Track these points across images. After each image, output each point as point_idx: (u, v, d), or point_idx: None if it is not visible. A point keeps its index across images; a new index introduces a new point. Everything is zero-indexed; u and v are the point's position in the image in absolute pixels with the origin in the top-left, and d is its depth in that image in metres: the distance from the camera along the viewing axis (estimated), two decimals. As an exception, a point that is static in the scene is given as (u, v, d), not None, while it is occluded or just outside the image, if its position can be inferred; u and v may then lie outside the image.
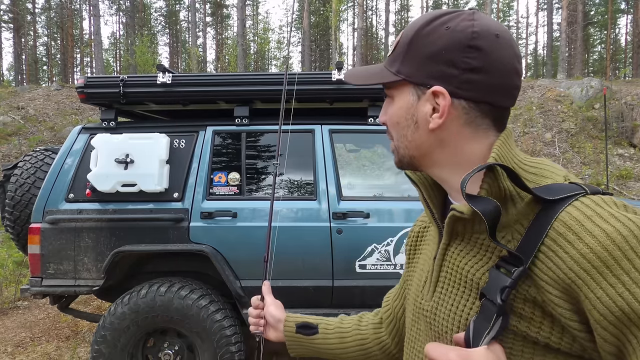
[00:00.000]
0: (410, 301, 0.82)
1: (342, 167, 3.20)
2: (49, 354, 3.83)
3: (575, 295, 0.54)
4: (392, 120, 0.73)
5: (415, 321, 0.78)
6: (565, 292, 0.55)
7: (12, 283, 5.57)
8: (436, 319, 0.70)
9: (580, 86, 12.06)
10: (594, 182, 9.21)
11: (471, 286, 0.65)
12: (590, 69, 33.75)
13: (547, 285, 0.56)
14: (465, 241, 0.68)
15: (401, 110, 0.71)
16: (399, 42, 0.70)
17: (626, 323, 0.51)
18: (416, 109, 0.69)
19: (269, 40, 30.17)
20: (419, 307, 0.76)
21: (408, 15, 43.17)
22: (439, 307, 0.70)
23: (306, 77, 3.02)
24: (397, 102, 0.71)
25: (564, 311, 0.56)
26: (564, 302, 0.55)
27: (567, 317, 0.55)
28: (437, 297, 0.71)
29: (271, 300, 1.12)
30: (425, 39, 0.66)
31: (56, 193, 2.94)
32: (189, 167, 2.99)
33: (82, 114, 13.35)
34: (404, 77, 0.68)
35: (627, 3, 29.31)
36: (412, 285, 0.82)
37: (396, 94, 0.71)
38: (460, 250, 0.68)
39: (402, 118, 0.71)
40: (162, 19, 38.60)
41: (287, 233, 2.86)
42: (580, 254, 0.54)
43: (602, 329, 0.53)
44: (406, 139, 0.71)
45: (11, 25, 31.00)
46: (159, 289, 2.78)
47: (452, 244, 0.70)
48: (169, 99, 3.06)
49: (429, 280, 0.74)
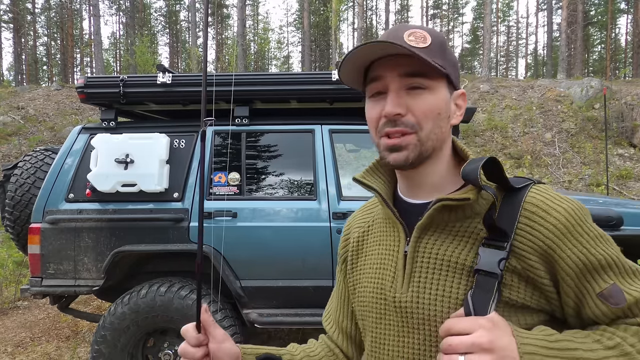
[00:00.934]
0: (369, 301, 0.83)
1: (342, 167, 3.20)
2: (49, 354, 3.83)
3: (549, 258, 0.69)
4: (433, 111, 0.74)
5: (382, 318, 0.80)
6: (542, 256, 0.70)
7: (12, 283, 5.57)
8: (419, 307, 0.75)
9: (580, 86, 12.07)
10: (594, 182, 9.21)
11: (455, 268, 0.73)
12: (590, 69, 33.75)
13: (527, 253, 0.70)
14: (439, 231, 0.76)
15: (443, 102, 0.76)
16: (433, 41, 0.74)
17: (584, 273, 0.69)
18: (449, 104, 0.78)
19: (269, 40, 30.16)
20: (390, 302, 0.78)
21: (408, 15, 43.19)
22: (420, 295, 0.75)
23: (306, 77, 3.03)
24: (436, 94, 0.75)
25: (540, 272, 0.70)
26: (540, 264, 0.70)
27: (542, 277, 0.70)
28: (416, 286, 0.75)
29: (221, 332, 0.85)
30: (449, 48, 0.77)
31: (56, 193, 2.93)
32: (189, 167, 3.00)
33: (82, 114, 13.35)
34: (449, 73, 0.75)
35: (627, 3, 29.31)
36: (366, 287, 0.84)
37: (434, 86, 0.74)
38: (435, 240, 0.76)
39: (443, 110, 0.76)
40: (162, 19, 38.60)
41: (287, 233, 2.86)
42: (552, 224, 0.69)
43: (570, 279, 0.69)
44: (441, 130, 0.76)
45: (11, 25, 30.99)
46: (159, 289, 2.78)
47: (422, 237, 0.77)
48: (169, 99, 3.06)
49: (399, 274, 0.78)
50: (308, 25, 26.36)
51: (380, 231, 0.86)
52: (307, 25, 26.16)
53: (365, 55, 0.75)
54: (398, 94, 0.73)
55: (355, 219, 0.97)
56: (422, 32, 0.74)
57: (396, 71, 0.74)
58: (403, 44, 0.69)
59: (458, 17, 43.37)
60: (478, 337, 0.61)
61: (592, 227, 0.71)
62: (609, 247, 0.71)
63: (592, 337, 0.66)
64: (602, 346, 0.64)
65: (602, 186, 8.79)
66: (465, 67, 40.74)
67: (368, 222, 0.91)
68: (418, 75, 0.73)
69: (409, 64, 0.73)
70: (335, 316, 0.98)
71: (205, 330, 0.83)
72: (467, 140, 11.00)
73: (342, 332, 0.95)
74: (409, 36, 0.72)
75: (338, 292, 0.99)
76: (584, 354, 0.63)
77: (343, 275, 0.97)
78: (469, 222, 0.75)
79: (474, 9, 42.34)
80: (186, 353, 0.82)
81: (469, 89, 13.59)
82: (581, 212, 0.71)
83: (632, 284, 0.70)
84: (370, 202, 0.97)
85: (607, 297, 0.68)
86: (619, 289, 0.68)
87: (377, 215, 0.90)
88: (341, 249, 0.97)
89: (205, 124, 0.89)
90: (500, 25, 40.98)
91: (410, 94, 0.73)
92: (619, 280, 0.69)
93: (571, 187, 9.34)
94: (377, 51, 0.73)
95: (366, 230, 0.90)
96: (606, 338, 0.66)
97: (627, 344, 0.65)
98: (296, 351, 0.93)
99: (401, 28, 0.75)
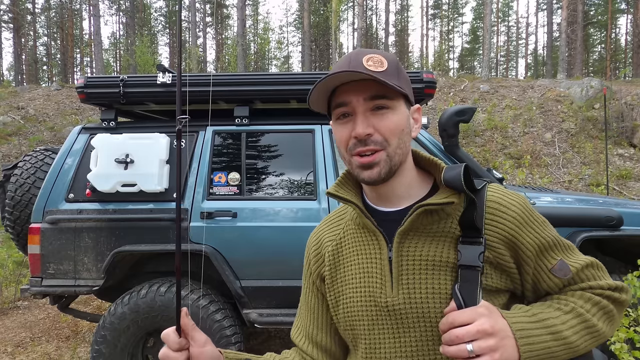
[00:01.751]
0: (358, 309, 0.85)
1: (342, 167, 3.20)
2: (49, 354, 3.83)
3: (513, 245, 0.81)
4: (397, 128, 0.82)
5: (374, 323, 0.83)
6: (508, 244, 0.81)
7: (12, 283, 5.57)
8: (412, 307, 0.80)
9: (580, 86, 12.06)
10: (594, 182, 9.21)
11: (439, 266, 0.80)
12: (590, 69, 33.73)
13: (496, 244, 0.81)
14: (418, 234, 0.83)
15: (404, 120, 0.84)
16: (389, 64, 0.81)
17: (539, 253, 0.82)
18: (409, 120, 0.86)
19: (269, 40, 30.14)
20: (382, 307, 0.83)
21: (408, 15, 43.19)
22: (411, 295, 0.81)
23: (306, 77, 3.03)
24: (398, 112, 0.83)
25: (507, 258, 0.81)
26: (507, 251, 0.81)
27: (508, 262, 0.82)
28: (405, 288, 0.81)
29: (202, 336, 0.87)
30: (402, 68, 0.85)
31: (56, 193, 2.93)
32: (189, 167, 2.99)
33: (82, 114, 13.35)
34: (407, 92, 0.83)
35: (627, 3, 29.30)
36: (352, 297, 0.87)
37: (396, 106, 0.82)
38: (416, 242, 0.83)
39: (406, 126, 0.84)
40: (162, 19, 38.58)
41: (287, 233, 2.86)
42: (512, 217, 0.82)
43: (530, 260, 0.82)
44: (405, 145, 0.84)
45: (11, 25, 30.97)
46: (159, 289, 2.78)
47: (403, 241, 0.83)
48: (169, 99, 3.06)
49: (386, 279, 0.83)
50: (308, 25, 26.35)
51: (355, 241, 0.90)
52: (307, 25, 26.16)
53: (332, 83, 0.82)
54: (365, 116, 0.81)
55: (323, 232, 0.98)
56: (378, 56, 0.81)
57: (361, 96, 0.81)
58: (365, 71, 0.77)
59: (458, 17, 43.36)
60: (481, 324, 0.70)
61: (537, 215, 0.86)
62: (551, 229, 0.86)
63: (553, 306, 0.80)
64: (562, 312, 0.78)
65: (602, 186, 8.79)
66: (465, 67, 40.73)
67: (339, 234, 0.94)
68: (381, 97, 0.81)
69: (372, 88, 0.80)
70: (306, 330, 0.98)
71: (186, 334, 0.85)
72: (467, 140, 11.00)
73: (316, 345, 0.96)
74: (367, 61, 0.80)
75: (308, 306, 0.99)
76: (554, 320, 0.76)
77: (315, 290, 0.98)
78: (443, 223, 0.83)
79: (473, 9, 42.31)
80: (167, 358, 0.84)
81: (469, 89, 13.59)
82: (528, 204, 0.86)
83: (571, 257, 0.85)
84: (334, 214, 1.00)
85: (558, 271, 0.82)
86: (565, 263, 0.83)
87: (347, 226, 0.94)
88: (313, 265, 0.97)
89: (181, 122, 0.95)
90: (500, 25, 40.98)
91: (376, 115, 0.81)
92: (563, 255, 0.84)
93: (571, 187, 9.34)
94: (343, 79, 0.81)
95: (339, 243, 0.93)
96: (563, 305, 0.79)
97: (578, 307, 0.79)
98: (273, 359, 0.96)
99: (359, 53, 0.82)
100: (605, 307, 0.80)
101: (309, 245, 1.01)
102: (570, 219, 2.84)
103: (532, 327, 0.73)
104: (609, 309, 0.81)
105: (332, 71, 0.80)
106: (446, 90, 13.51)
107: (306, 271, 1.01)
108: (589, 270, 0.84)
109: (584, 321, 0.77)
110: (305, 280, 1.01)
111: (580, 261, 0.84)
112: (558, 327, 0.75)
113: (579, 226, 2.82)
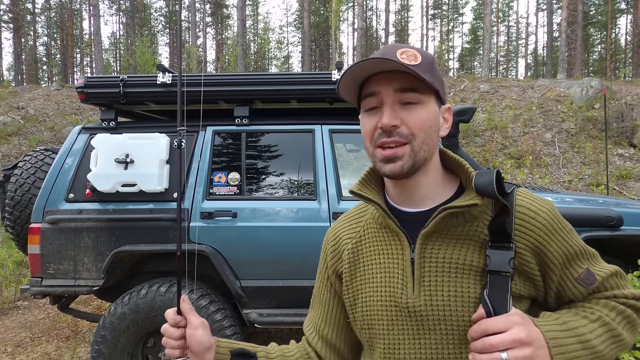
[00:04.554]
0: (378, 309, 0.85)
1: (342, 167, 3.20)
2: (49, 354, 3.83)
3: (540, 253, 0.80)
4: (425, 123, 0.80)
5: (394, 324, 0.83)
6: (534, 252, 0.79)
7: (12, 283, 5.57)
8: (433, 309, 0.79)
9: (580, 86, 12.06)
10: (594, 182, 9.21)
11: (463, 270, 0.79)
12: (590, 69, 33.73)
13: (523, 250, 0.79)
14: (442, 236, 0.81)
15: (433, 116, 0.82)
16: (423, 59, 0.79)
17: (565, 262, 0.81)
18: (438, 118, 0.84)
19: (269, 40, 30.14)
20: (402, 307, 0.82)
21: (408, 15, 43.18)
22: (433, 298, 0.79)
23: (306, 77, 3.03)
24: (427, 108, 0.81)
25: (533, 265, 0.80)
26: (533, 259, 0.79)
27: (533, 269, 0.80)
28: (427, 290, 0.80)
29: (197, 320, 0.92)
30: (437, 67, 0.83)
31: (56, 193, 2.93)
32: (189, 167, 2.99)
33: (82, 114, 13.35)
34: (439, 89, 0.81)
35: (627, 3, 29.29)
36: (372, 296, 0.86)
37: (426, 101, 0.80)
38: (439, 245, 0.81)
39: (434, 123, 0.82)
40: (162, 19, 38.57)
41: (287, 233, 2.86)
42: (541, 224, 0.80)
43: (556, 269, 0.80)
44: (432, 141, 0.82)
45: (11, 25, 30.96)
46: (159, 289, 2.78)
47: (427, 243, 0.82)
48: (169, 99, 3.06)
49: (408, 280, 0.82)
50: (308, 25, 26.35)
51: (376, 240, 0.89)
52: (307, 25, 26.15)
53: (363, 70, 0.80)
54: (393, 107, 0.79)
55: (342, 229, 0.98)
56: (413, 51, 0.79)
57: (391, 86, 0.79)
58: (398, 61, 0.75)
59: (458, 17, 43.35)
60: (516, 333, 0.68)
61: (565, 223, 0.84)
62: (577, 237, 0.84)
63: (579, 314, 0.78)
64: (589, 320, 0.77)
65: (602, 186, 8.79)
66: (465, 67, 40.72)
67: (358, 232, 0.93)
68: (411, 90, 0.79)
69: (403, 80, 0.78)
70: (316, 323, 0.99)
71: (184, 316, 0.93)
72: (467, 140, 11.00)
73: (322, 339, 0.97)
74: (401, 54, 0.77)
75: (320, 300, 1.00)
76: (582, 329, 0.75)
77: (328, 285, 0.98)
78: (469, 226, 0.81)
79: (473, 9, 42.29)
80: (165, 331, 0.93)
81: (469, 89, 13.58)
82: (557, 211, 0.84)
83: (597, 266, 0.84)
84: (354, 211, 0.99)
85: (584, 280, 0.81)
86: (591, 272, 0.82)
87: (367, 225, 0.92)
88: (330, 260, 0.97)
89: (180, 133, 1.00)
90: (500, 25, 40.97)
91: (405, 108, 0.79)
92: (589, 264, 0.83)
93: (571, 187, 9.34)
94: (376, 66, 0.78)
95: (359, 241, 0.92)
96: (589, 313, 0.78)
97: (604, 315, 0.78)
98: (273, 349, 0.96)
99: (394, 47, 0.80)
100: (630, 317, 0.81)
101: (327, 240, 1.00)
102: (571, 219, 2.81)
103: (564, 336, 0.73)
104: (633, 318, 0.81)
105: (364, 58, 0.78)
106: (446, 90, 13.51)
107: (322, 265, 1.01)
108: (613, 279, 0.83)
109: (609, 330, 0.77)
110: (319, 274, 1.01)
111: (606, 270, 0.84)
112: (587, 335, 0.74)
113: (579, 226, 2.82)
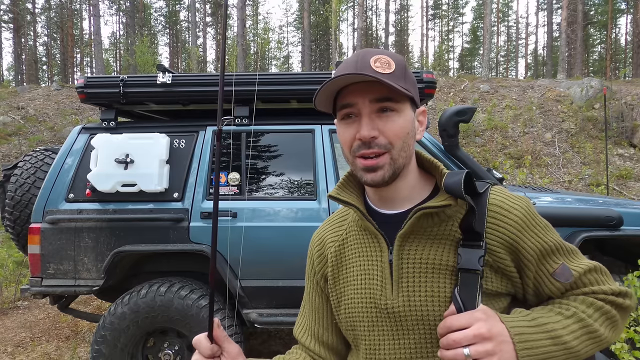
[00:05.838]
0: (359, 311, 0.86)
1: (342, 167, 3.20)
2: (49, 354, 3.83)
3: (514, 250, 0.81)
4: (402, 131, 0.81)
5: (374, 325, 0.84)
6: (508, 249, 0.81)
7: (12, 283, 5.57)
8: (411, 310, 0.81)
9: (580, 86, 12.06)
10: (594, 182, 9.21)
11: (439, 269, 0.80)
12: (590, 69, 33.72)
13: (497, 247, 0.80)
14: (419, 237, 0.83)
15: (409, 123, 0.83)
16: (396, 66, 0.80)
17: (540, 258, 0.81)
18: (414, 123, 0.85)
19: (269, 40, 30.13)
20: (382, 309, 0.83)
21: (408, 15, 43.17)
22: (411, 298, 0.81)
23: (306, 77, 3.03)
24: (403, 115, 0.82)
25: (508, 262, 0.81)
26: (507, 255, 0.81)
27: (509, 266, 0.81)
28: (405, 291, 0.82)
29: (234, 349, 0.87)
30: (409, 69, 0.84)
31: (56, 193, 2.93)
32: (189, 167, 2.99)
33: (82, 114, 13.35)
34: (413, 95, 0.81)
35: (627, 3, 29.29)
36: (353, 298, 0.88)
37: (401, 108, 0.82)
38: (416, 245, 0.83)
39: (411, 129, 0.83)
40: (162, 19, 38.58)
41: (287, 233, 2.86)
42: (513, 221, 0.81)
43: (531, 265, 0.81)
44: (409, 148, 0.83)
45: (11, 25, 30.95)
46: (159, 289, 2.78)
47: (404, 244, 0.83)
48: (169, 99, 3.06)
49: (387, 282, 0.84)
50: (308, 25, 26.34)
51: (357, 243, 0.90)
52: (307, 25, 26.15)
53: (338, 84, 0.81)
54: (370, 118, 0.80)
55: (326, 233, 0.99)
56: (386, 57, 0.80)
57: (367, 97, 0.80)
58: (372, 73, 0.77)
59: (458, 17, 43.37)
60: (477, 328, 0.70)
61: (540, 219, 0.85)
62: (554, 233, 0.85)
63: (554, 310, 0.79)
64: (563, 316, 0.77)
65: (602, 186, 8.79)
66: (465, 67, 40.72)
67: (341, 235, 0.95)
68: (387, 99, 0.80)
69: (379, 90, 0.79)
70: (312, 330, 0.99)
71: (219, 344, 0.86)
72: (467, 140, 11.00)
73: (322, 344, 0.98)
74: (375, 62, 0.78)
75: (312, 306, 1.00)
76: (554, 325, 0.75)
77: (319, 290, 0.99)
78: (444, 225, 0.83)
79: (474, 9, 42.30)
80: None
81: (469, 89, 13.58)
82: (532, 208, 0.85)
83: (574, 261, 0.84)
84: (337, 215, 1.01)
85: (560, 276, 0.82)
86: (567, 267, 0.82)
87: (349, 228, 0.94)
88: (317, 265, 0.98)
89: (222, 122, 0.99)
90: (500, 25, 40.97)
91: (381, 117, 0.81)
92: (566, 260, 0.84)
93: (571, 187, 9.34)
94: (349, 80, 0.80)
95: (341, 244, 0.94)
96: (564, 309, 0.79)
97: (580, 311, 0.78)
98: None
99: (367, 54, 0.81)
100: (608, 313, 0.80)
101: (312, 245, 1.01)
102: (571, 219, 2.84)
103: (531, 332, 0.73)
104: (612, 314, 0.80)
105: (338, 73, 0.79)
106: (446, 90, 13.51)
107: (309, 271, 1.01)
108: (592, 275, 0.83)
109: (585, 326, 0.77)
110: (308, 280, 1.02)
111: (583, 265, 0.83)
112: (558, 331, 0.75)
113: (579, 226, 2.82)
